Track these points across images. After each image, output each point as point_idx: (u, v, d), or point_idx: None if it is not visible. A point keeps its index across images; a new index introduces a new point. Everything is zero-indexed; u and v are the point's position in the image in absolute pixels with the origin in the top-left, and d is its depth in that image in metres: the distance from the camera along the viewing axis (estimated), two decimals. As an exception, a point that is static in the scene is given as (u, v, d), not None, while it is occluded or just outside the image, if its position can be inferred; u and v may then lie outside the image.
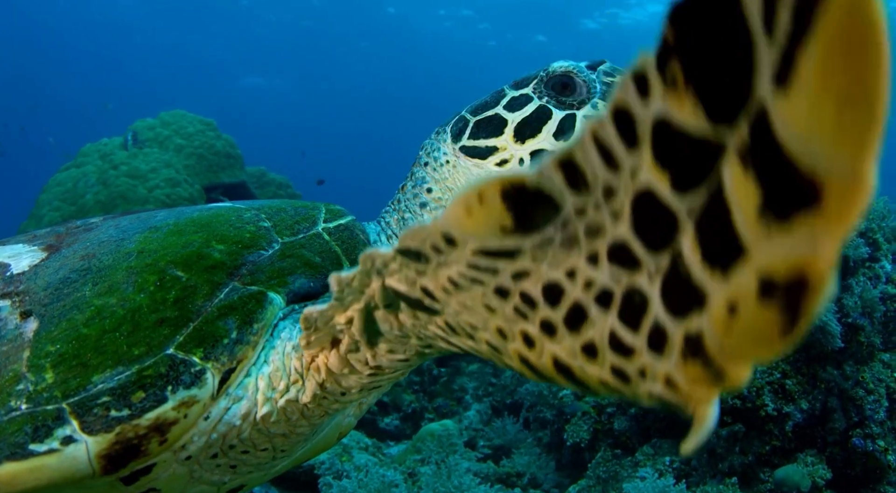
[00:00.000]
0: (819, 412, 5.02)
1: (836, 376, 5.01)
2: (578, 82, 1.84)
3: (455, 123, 1.99)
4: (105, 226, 1.78)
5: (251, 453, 1.63)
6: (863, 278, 5.13)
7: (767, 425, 5.00)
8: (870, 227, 5.25)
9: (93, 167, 7.42)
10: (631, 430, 5.77)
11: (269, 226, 1.76)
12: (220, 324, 1.47)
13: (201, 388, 1.40)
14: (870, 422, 4.95)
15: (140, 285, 1.48)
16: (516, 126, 1.86)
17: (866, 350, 5.11)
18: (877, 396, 4.98)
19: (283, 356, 1.54)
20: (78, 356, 1.37)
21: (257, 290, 1.55)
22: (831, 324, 4.88)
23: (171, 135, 7.91)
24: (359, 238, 1.91)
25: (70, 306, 1.45)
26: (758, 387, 4.98)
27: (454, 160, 1.97)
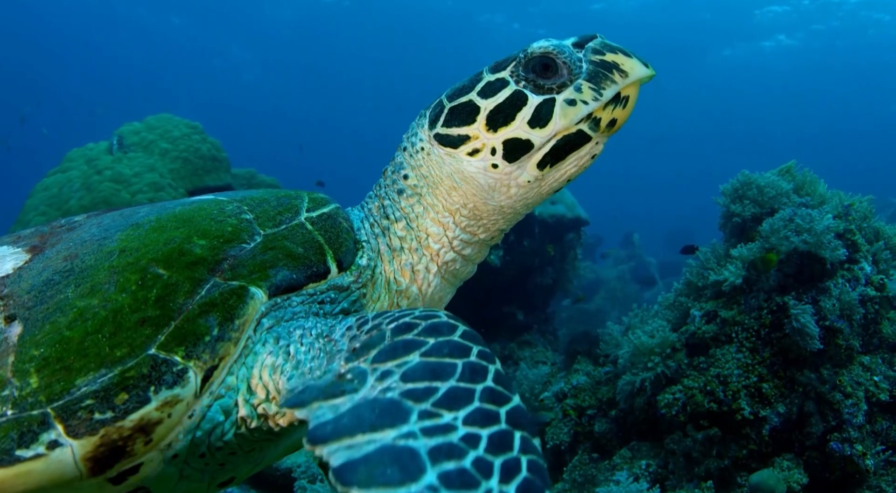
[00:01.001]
0: (796, 416, 4.97)
1: (814, 380, 4.95)
2: (559, 64, 1.73)
3: (433, 108, 1.91)
4: (88, 225, 1.77)
5: (238, 454, 1.64)
6: (841, 281, 5.05)
7: (744, 429, 4.96)
8: (848, 228, 5.17)
9: (78, 172, 7.45)
10: (611, 432, 5.74)
11: (251, 218, 1.75)
12: (201, 322, 1.46)
13: (184, 387, 1.40)
14: (847, 426, 4.89)
15: (122, 284, 1.48)
16: (489, 113, 1.75)
17: (845, 353, 5.04)
18: (855, 399, 4.91)
19: (262, 370, 1.55)
20: (61, 360, 1.37)
21: (238, 285, 1.55)
22: (809, 325, 4.83)
23: (157, 139, 7.92)
24: (342, 226, 1.88)
25: (53, 308, 1.45)
26: (734, 391, 4.94)
27: (429, 147, 1.90)
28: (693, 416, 5.06)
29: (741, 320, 5.11)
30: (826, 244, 4.88)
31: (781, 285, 5.07)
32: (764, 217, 5.25)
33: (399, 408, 1.12)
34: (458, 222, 1.94)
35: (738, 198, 5.42)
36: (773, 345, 5.04)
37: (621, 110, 1.78)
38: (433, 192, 1.92)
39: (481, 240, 2.01)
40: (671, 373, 5.18)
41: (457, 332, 1.34)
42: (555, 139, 1.74)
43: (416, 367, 1.23)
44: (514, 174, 1.78)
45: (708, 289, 5.39)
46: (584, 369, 6.17)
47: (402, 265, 1.98)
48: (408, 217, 1.97)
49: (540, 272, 8.40)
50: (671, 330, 5.34)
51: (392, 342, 1.32)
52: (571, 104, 1.71)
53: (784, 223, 5.00)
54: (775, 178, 5.41)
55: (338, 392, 1.20)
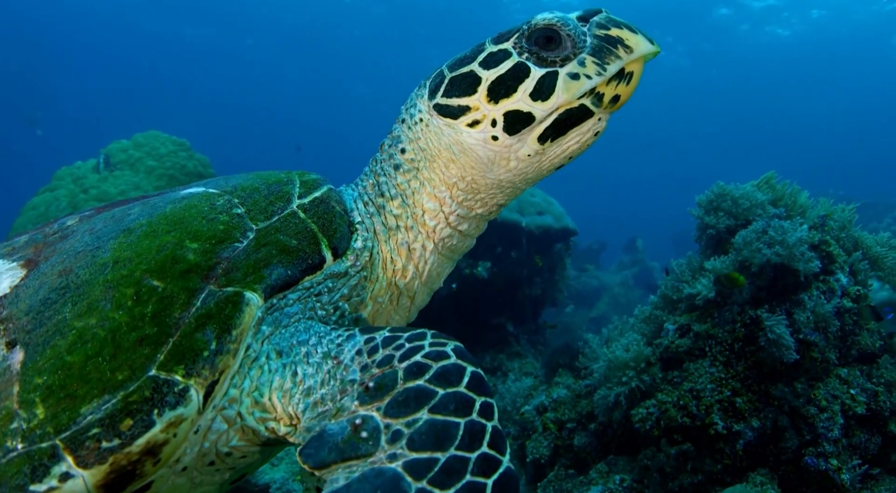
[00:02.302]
0: (770, 430, 4.90)
1: (788, 394, 4.88)
2: (563, 37, 1.69)
3: (434, 78, 1.87)
4: (80, 231, 1.76)
5: (248, 457, 1.66)
6: (816, 293, 4.97)
7: (718, 443, 4.90)
8: (824, 239, 5.09)
9: (65, 191, 7.54)
10: (591, 446, 5.69)
11: (242, 212, 1.74)
12: (198, 336, 1.46)
13: (187, 406, 1.41)
14: (823, 440, 4.80)
15: (118, 300, 1.48)
16: (490, 84, 1.72)
17: (821, 366, 4.96)
18: (830, 413, 4.83)
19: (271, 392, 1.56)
20: (65, 387, 1.38)
21: (233, 291, 1.54)
22: (784, 336, 4.76)
23: (143, 157, 7.96)
24: (335, 210, 1.86)
25: (53, 330, 1.45)
26: (707, 405, 4.88)
27: (427, 119, 1.87)
28: (667, 430, 5.01)
29: (715, 333, 5.06)
30: (799, 256, 4.81)
31: (755, 298, 5.00)
32: (738, 229, 5.19)
33: (398, 489, 1.27)
34: (454, 197, 1.92)
35: (712, 209, 5.36)
36: (746, 359, 4.98)
37: (625, 86, 1.75)
38: (430, 165, 1.91)
39: (478, 215, 1.99)
40: (646, 387, 5.13)
41: (464, 379, 1.46)
42: (556, 113, 1.71)
43: (423, 429, 1.35)
44: (515, 147, 1.76)
45: (682, 302, 5.33)
46: (564, 382, 6.13)
47: (398, 244, 1.97)
48: (404, 194, 1.96)
49: (528, 283, 8.36)
50: (646, 344, 5.29)
51: (404, 390, 1.42)
52: (574, 78, 1.68)
53: (757, 235, 4.94)
54: (750, 189, 5.35)
55: (353, 455, 1.33)
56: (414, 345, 1.52)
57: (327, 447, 1.36)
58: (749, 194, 5.26)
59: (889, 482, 4.90)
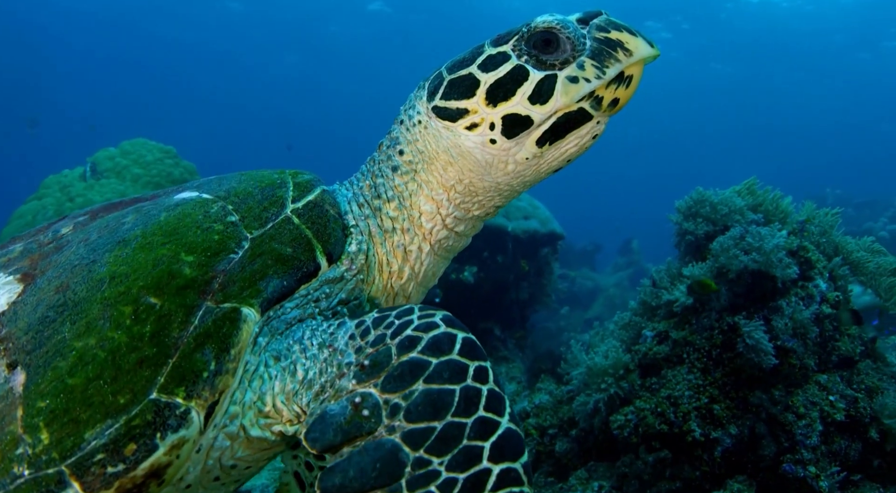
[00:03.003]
0: (748, 437, 4.85)
1: (765, 401, 4.83)
2: (562, 39, 1.67)
3: (433, 79, 1.85)
4: (75, 242, 1.74)
5: (252, 468, 1.68)
6: (794, 299, 4.91)
7: (696, 450, 4.85)
8: (802, 245, 5.04)
9: (52, 199, 7.55)
10: (572, 452, 5.65)
11: (236, 220, 1.72)
12: (197, 356, 1.45)
13: (188, 428, 1.41)
14: (801, 447, 4.75)
15: (116, 319, 1.46)
16: (489, 88, 1.70)
17: (799, 373, 4.91)
18: (808, 420, 4.78)
19: (274, 398, 1.56)
20: (68, 412, 1.37)
21: (230, 307, 1.53)
22: (763, 342, 4.71)
23: (130, 164, 7.95)
24: (329, 214, 1.85)
25: (53, 351, 1.44)
26: (685, 412, 4.84)
27: (426, 121, 1.85)
28: (645, 437, 4.97)
29: (692, 340, 5.01)
30: (776, 263, 4.76)
31: (733, 305, 4.95)
32: (717, 235, 5.14)
33: (396, 461, 1.31)
34: (451, 199, 1.90)
35: (691, 215, 5.31)
36: (724, 365, 4.93)
37: (624, 90, 1.73)
38: (428, 168, 1.89)
39: (475, 216, 1.98)
40: (624, 394, 5.09)
41: (456, 346, 1.47)
42: (555, 116, 1.70)
43: (419, 400, 1.37)
44: (513, 151, 1.75)
45: (661, 309, 5.28)
46: (547, 387, 6.09)
47: (394, 246, 1.95)
48: (401, 196, 1.93)
49: (515, 288, 8.32)
50: (625, 351, 5.25)
51: (399, 364, 1.44)
52: (573, 81, 1.67)
53: (734, 242, 4.88)
54: (729, 194, 5.29)
55: (357, 433, 1.37)
56: (403, 321, 1.53)
57: (332, 429, 1.38)
58: (728, 200, 5.21)
59: (870, 488, 4.85)
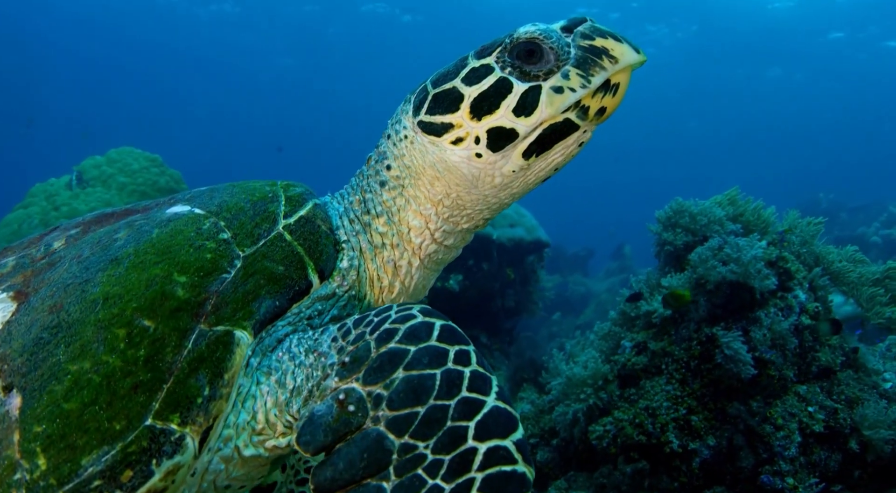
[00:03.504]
0: (726, 448, 4.81)
1: (743, 413, 4.78)
2: (545, 50, 1.63)
3: (418, 93, 1.82)
4: (68, 258, 1.71)
5: (247, 486, 1.66)
6: (773, 310, 4.87)
7: (674, 461, 4.81)
8: (781, 256, 5.00)
9: (37, 208, 7.53)
10: (553, 461, 5.61)
11: (228, 238, 1.69)
12: (191, 382, 1.44)
13: (183, 454, 1.40)
14: (779, 459, 4.71)
15: (110, 343, 1.45)
16: (473, 101, 1.66)
17: (778, 384, 4.86)
18: (787, 431, 4.73)
19: (267, 412, 1.55)
20: (65, 437, 1.36)
21: (223, 330, 1.52)
22: (741, 352, 4.67)
23: (115, 173, 7.91)
24: (320, 230, 1.82)
25: (48, 375, 1.43)
26: (662, 423, 4.80)
27: (412, 135, 1.81)
28: (624, 448, 4.93)
29: (671, 351, 4.96)
30: (754, 274, 4.72)
31: (711, 316, 4.91)
32: (697, 245, 5.10)
33: (382, 449, 1.31)
34: (440, 214, 1.87)
35: (670, 226, 5.27)
36: (703, 376, 4.89)
37: (611, 98, 1.68)
38: (415, 183, 1.86)
39: (465, 229, 1.95)
40: (603, 404, 5.05)
41: (434, 333, 1.46)
42: (541, 128, 1.65)
43: (400, 388, 1.37)
44: (499, 164, 1.71)
45: (640, 319, 5.24)
46: (528, 397, 6.06)
47: (384, 262, 1.93)
48: (389, 211, 1.91)
49: (501, 296, 8.27)
50: (605, 361, 5.20)
51: (378, 356, 1.44)
52: (558, 92, 1.62)
53: (713, 253, 4.84)
54: (709, 205, 5.25)
55: (347, 430, 1.36)
56: (382, 317, 1.54)
57: (321, 430, 1.37)
58: (707, 210, 5.17)
59: (850, 499, 4.81)
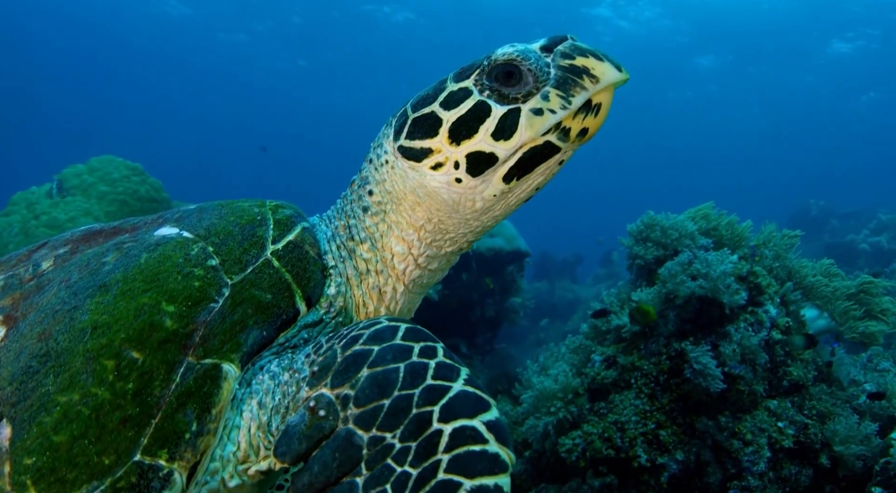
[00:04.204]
0: (694, 463, 4.74)
1: (711, 428, 4.72)
2: (524, 71, 1.58)
3: (399, 116, 1.77)
4: (56, 282, 1.69)
5: None
6: (743, 325, 4.80)
7: (643, 476, 4.75)
8: (752, 271, 4.93)
9: (18, 217, 7.49)
10: (526, 473, 5.55)
11: (216, 264, 1.66)
12: (179, 417, 1.43)
13: (171, 489, 1.40)
14: (747, 474, 4.64)
15: (99, 375, 1.44)
16: (451, 126, 1.62)
17: (748, 399, 4.80)
18: (756, 447, 4.66)
19: (251, 437, 1.52)
20: (55, 471, 1.35)
21: (211, 364, 1.50)
22: (710, 366, 4.60)
23: (96, 182, 7.87)
24: (308, 256, 1.78)
25: (37, 405, 1.42)
26: (631, 438, 4.73)
27: (392, 160, 1.77)
28: (593, 462, 4.86)
29: (640, 365, 4.90)
30: (723, 289, 4.65)
31: (680, 331, 4.84)
32: (668, 259, 5.03)
33: (352, 445, 1.29)
34: (422, 239, 1.83)
35: (641, 239, 5.21)
36: (672, 391, 4.82)
37: (593, 119, 1.62)
38: (397, 208, 1.82)
39: (449, 252, 1.90)
40: (573, 418, 4.99)
41: (398, 334, 1.45)
42: (521, 151, 1.61)
43: (364, 385, 1.35)
44: (479, 189, 1.67)
45: (611, 333, 5.18)
46: (503, 408, 5.99)
47: (369, 288, 1.89)
48: (372, 237, 1.88)
49: (480, 305, 8.21)
50: (575, 374, 5.14)
51: (343, 359, 1.43)
52: (538, 114, 1.58)
53: (682, 268, 4.78)
54: (681, 219, 5.18)
55: (320, 435, 1.35)
56: (350, 329, 1.54)
57: (296, 439, 1.37)
58: (679, 224, 5.10)
59: (820, 514, 4.74)
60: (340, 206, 1.97)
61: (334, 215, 1.97)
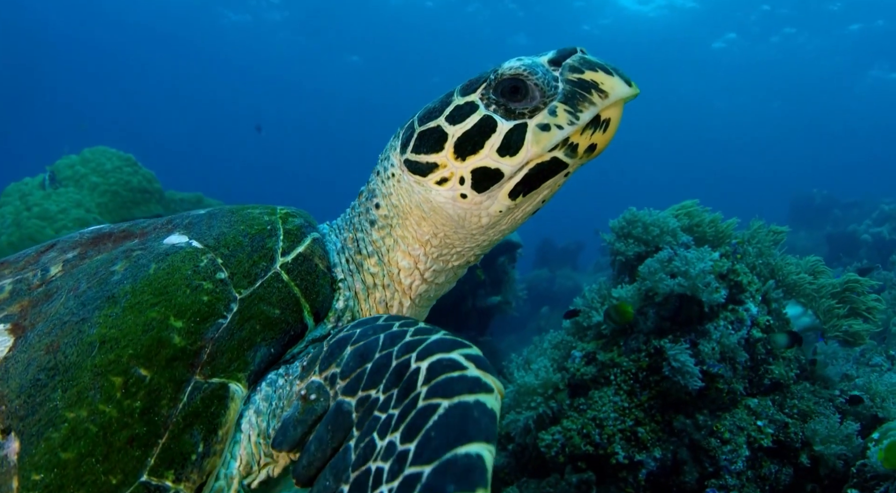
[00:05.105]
0: (671, 461, 4.69)
1: (689, 426, 4.66)
2: (530, 86, 1.54)
3: (406, 129, 1.74)
4: (64, 290, 1.67)
5: None
6: (723, 323, 4.73)
7: (621, 472, 4.71)
8: (733, 269, 4.84)
9: (11, 208, 7.49)
10: (509, 466, 5.52)
11: (225, 278, 1.64)
12: (186, 438, 1.43)
13: None
14: (725, 473, 4.59)
15: (107, 391, 1.44)
16: (457, 141, 1.59)
17: (727, 397, 4.73)
18: (733, 445, 4.61)
19: (252, 446, 1.52)
20: (62, 488, 1.36)
21: (218, 383, 1.49)
22: (688, 364, 4.53)
23: (88, 173, 7.86)
24: (318, 269, 1.75)
25: (45, 420, 1.42)
26: (609, 434, 4.69)
27: (399, 174, 1.74)
28: (572, 458, 4.82)
29: (620, 362, 4.84)
30: (702, 288, 4.57)
31: (659, 328, 4.77)
32: (649, 256, 4.95)
33: (342, 412, 1.30)
34: (428, 253, 1.81)
35: (623, 236, 5.12)
36: (651, 388, 4.76)
37: (601, 134, 1.58)
38: (403, 223, 1.79)
39: (455, 266, 1.88)
40: (553, 413, 4.94)
41: (380, 320, 1.48)
42: (527, 167, 1.57)
43: (348, 359, 1.38)
44: (485, 204, 1.63)
45: (591, 329, 5.11)
46: (487, 401, 5.94)
47: (376, 302, 1.87)
48: (379, 252, 1.85)
49: (472, 296, 8.15)
50: (556, 370, 5.09)
51: (329, 346, 1.46)
52: (545, 129, 1.53)
53: (661, 265, 4.70)
54: (664, 215, 5.09)
55: (314, 417, 1.36)
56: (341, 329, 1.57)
57: (291, 426, 1.38)
58: (660, 221, 5.01)
59: (800, 513, 4.69)
60: (349, 217, 1.93)
61: (343, 226, 1.94)
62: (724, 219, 5.34)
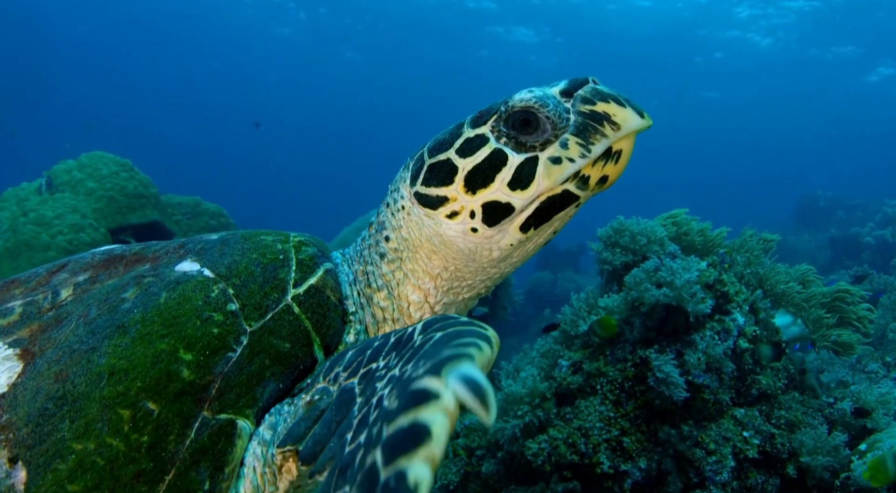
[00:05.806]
0: (656, 471, 4.66)
1: (673, 437, 4.63)
2: (541, 119, 1.52)
3: (416, 160, 1.71)
4: (74, 316, 1.66)
5: None
6: (709, 333, 4.69)
7: (606, 482, 4.68)
8: (720, 279, 4.80)
9: (8, 213, 7.52)
10: (498, 473, 5.49)
11: (236, 309, 1.61)
12: (192, 475, 1.41)
13: None
14: (710, 484, 4.56)
15: (115, 424, 1.42)
16: (467, 174, 1.56)
17: (713, 408, 4.70)
18: (719, 456, 4.57)
19: (257, 478, 1.49)
20: None
21: (226, 420, 1.47)
22: (673, 375, 4.50)
23: (85, 178, 7.87)
24: (329, 302, 1.73)
25: (53, 451, 1.40)
26: (595, 444, 4.66)
27: (409, 206, 1.72)
28: (558, 467, 4.80)
29: (606, 371, 4.81)
30: (688, 298, 4.53)
31: (645, 338, 4.74)
32: (636, 265, 4.92)
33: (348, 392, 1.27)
34: (439, 287, 1.78)
35: (610, 245, 5.09)
36: (636, 398, 4.73)
37: (613, 166, 1.56)
38: (413, 256, 1.77)
39: (466, 298, 1.85)
40: (540, 422, 4.92)
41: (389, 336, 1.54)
42: (538, 201, 1.55)
43: (350, 358, 1.37)
44: (496, 238, 1.61)
45: (578, 338, 5.09)
46: (477, 408, 5.93)
47: None
48: (389, 285, 1.82)
49: (467, 301, 8.10)
50: (543, 379, 5.07)
51: (331, 362, 1.46)
52: (556, 163, 1.51)
53: (647, 275, 4.66)
54: (651, 224, 5.05)
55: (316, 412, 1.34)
56: None
57: (296, 425, 1.36)
58: (648, 230, 4.98)
59: (787, 523, 4.65)
60: (360, 249, 1.91)
61: (355, 257, 1.91)
62: (713, 228, 5.30)
